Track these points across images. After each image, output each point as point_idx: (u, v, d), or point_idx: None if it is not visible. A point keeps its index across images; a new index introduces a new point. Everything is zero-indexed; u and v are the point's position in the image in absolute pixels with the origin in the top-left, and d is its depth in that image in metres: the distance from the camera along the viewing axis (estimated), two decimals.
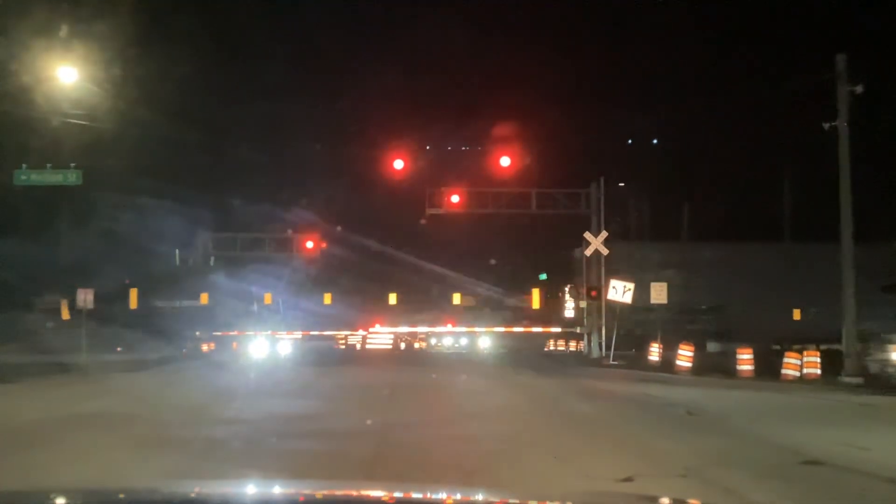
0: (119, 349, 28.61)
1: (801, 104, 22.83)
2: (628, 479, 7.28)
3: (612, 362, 26.79)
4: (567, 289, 35.96)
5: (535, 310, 40.64)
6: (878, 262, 31.29)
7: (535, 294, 40.39)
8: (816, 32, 44.72)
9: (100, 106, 23.33)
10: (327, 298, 43.56)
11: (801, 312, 33.78)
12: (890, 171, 35.09)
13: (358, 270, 45.48)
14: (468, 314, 44.14)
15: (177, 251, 39.78)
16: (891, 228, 33.11)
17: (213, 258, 41.35)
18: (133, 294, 31.93)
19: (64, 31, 21.29)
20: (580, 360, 30.77)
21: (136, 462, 8.38)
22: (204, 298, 37.97)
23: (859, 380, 19.81)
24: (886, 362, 21.66)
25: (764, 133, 39.04)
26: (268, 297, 42.45)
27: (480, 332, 40.41)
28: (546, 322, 40.46)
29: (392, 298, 43.33)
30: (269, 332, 39.21)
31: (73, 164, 25.69)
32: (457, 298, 43.20)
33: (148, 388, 18.01)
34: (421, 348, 44.56)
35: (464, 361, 30.25)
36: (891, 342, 22.58)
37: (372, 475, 7.65)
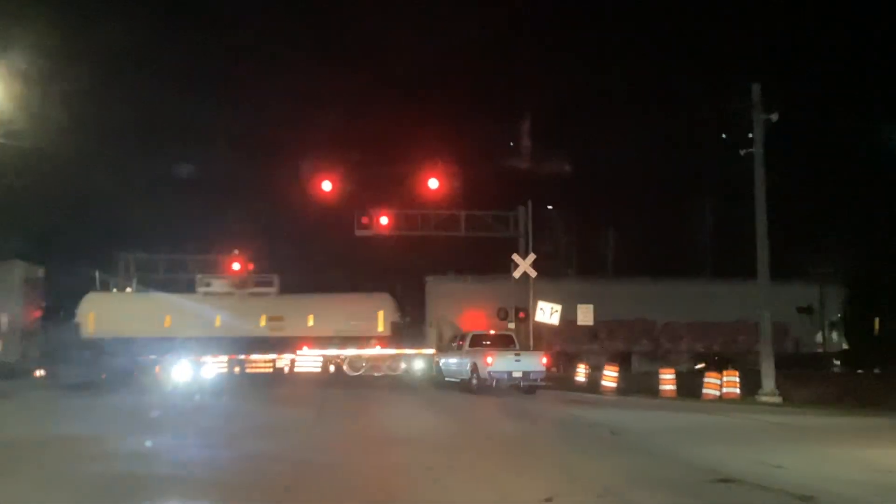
0: None
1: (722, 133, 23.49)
2: (548, 500, 7.32)
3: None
4: (497, 311, 36.01)
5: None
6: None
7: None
8: (738, 62, 46.24)
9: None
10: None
11: None
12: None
13: (288, 292, 44.56)
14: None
15: (97, 272, 38.57)
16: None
17: (135, 280, 40.24)
18: None
19: None
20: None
21: None
22: None
23: (777, 399, 20.47)
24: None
25: (686, 161, 40.05)
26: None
27: (412, 355, 40.02)
28: None
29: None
30: (194, 357, 37.94)
31: None
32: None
33: None
34: (348, 371, 43.91)
35: (394, 385, 30.00)
36: None
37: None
